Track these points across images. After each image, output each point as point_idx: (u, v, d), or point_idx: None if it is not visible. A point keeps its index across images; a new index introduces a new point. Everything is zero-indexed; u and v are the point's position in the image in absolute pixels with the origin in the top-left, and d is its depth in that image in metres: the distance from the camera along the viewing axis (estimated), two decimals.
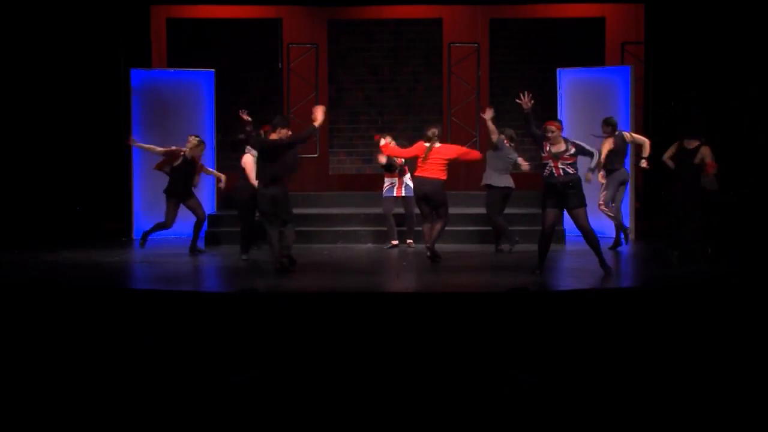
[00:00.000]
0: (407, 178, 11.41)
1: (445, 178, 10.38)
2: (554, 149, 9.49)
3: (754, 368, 6.48)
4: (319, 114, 9.49)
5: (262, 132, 10.34)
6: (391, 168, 11.42)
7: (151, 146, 11.25)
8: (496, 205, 11.10)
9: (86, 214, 12.55)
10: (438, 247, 10.67)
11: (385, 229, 11.67)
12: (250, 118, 10.45)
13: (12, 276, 9.58)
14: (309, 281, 9.26)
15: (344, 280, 9.40)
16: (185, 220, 11.39)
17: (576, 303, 8.06)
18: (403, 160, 11.27)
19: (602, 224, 11.76)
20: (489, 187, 11.10)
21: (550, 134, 9.49)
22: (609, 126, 11.22)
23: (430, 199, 10.34)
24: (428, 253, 10.33)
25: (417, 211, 10.94)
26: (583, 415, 5.72)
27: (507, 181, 11.10)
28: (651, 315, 7.72)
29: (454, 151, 10.64)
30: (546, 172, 9.47)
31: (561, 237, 11.87)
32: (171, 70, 13.25)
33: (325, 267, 10.16)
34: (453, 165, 10.61)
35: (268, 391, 6.15)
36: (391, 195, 11.50)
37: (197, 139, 11.06)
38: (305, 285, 9.08)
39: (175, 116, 12.45)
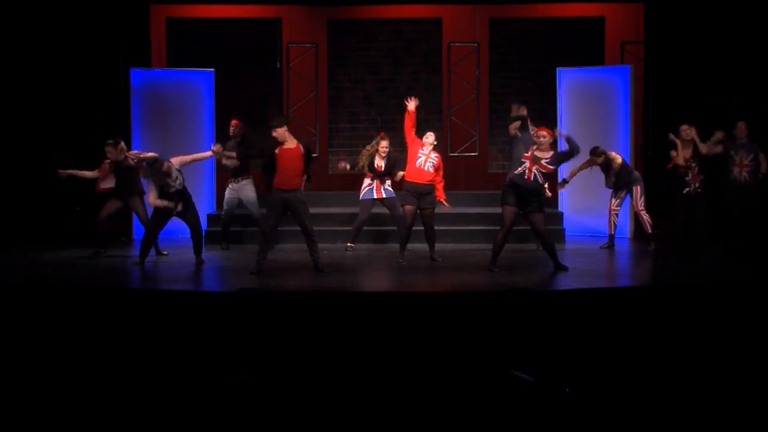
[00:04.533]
0: (388, 183, 11.28)
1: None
2: (538, 153, 9.58)
3: (754, 368, 6.48)
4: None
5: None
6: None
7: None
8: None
9: (86, 214, 12.54)
10: (439, 246, 10.70)
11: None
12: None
13: (11, 276, 9.58)
14: (308, 281, 9.26)
15: (343, 279, 9.40)
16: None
17: (575, 303, 8.06)
18: (382, 166, 11.16)
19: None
20: None
21: (542, 139, 9.54)
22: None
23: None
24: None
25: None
26: (582, 415, 5.71)
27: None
28: (651, 315, 7.72)
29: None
30: (518, 170, 9.60)
31: (560, 237, 11.87)
32: (171, 69, 13.25)
33: (323, 266, 10.14)
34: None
35: (266, 391, 6.15)
36: (371, 197, 11.22)
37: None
38: (304, 285, 9.08)
39: (175, 116, 12.45)
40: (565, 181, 10.95)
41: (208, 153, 10.76)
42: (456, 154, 13.89)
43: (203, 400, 5.93)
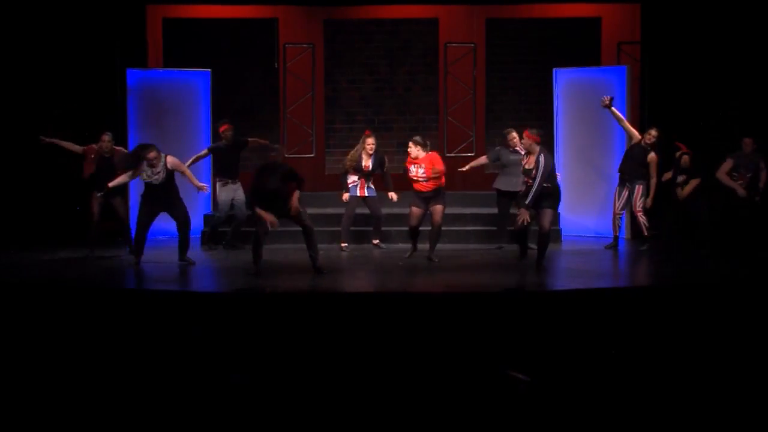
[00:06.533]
0: (371, 182, 11.39)
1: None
2: (527, 166, 9.81)
3: (753, 369, 6.48)
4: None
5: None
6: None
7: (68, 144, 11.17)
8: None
9: (83, 214, 12.53)
10: (436, 246, 10.74)
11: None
12: None
13: (9, 276, 9.56)
14: (305, 281, 9.25)
15: (340, 280, 9.39)
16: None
17: (572, 303, 8.07)
18: (370, 165, 11.29)
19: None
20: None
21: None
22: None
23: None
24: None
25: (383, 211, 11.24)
26: (580, 415, 5.71)
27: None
28: (647, 315, 7.72)
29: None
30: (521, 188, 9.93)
31: (557, 237, 11.88)
32: (167, 69, 13.23)
33: (323, 267, 10.13)
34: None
35: (264, 392, 6.14)
36: (354, 194, 11.38)
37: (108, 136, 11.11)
38: (302, 285, 9.07)
39: (171, 116, 12.43)
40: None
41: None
42: (453, 155, 13.87)
43: (200, 400, 5.93)
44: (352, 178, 11.40)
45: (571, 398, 5.94)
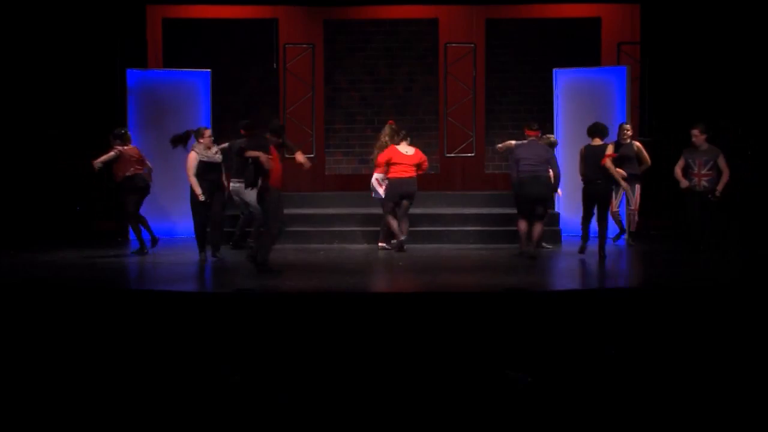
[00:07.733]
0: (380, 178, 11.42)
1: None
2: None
3: (752, 369, 6.49)
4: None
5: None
6: None
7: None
8: None
9: (82, 214, 12.54)
10: (436, 246, 10.71)
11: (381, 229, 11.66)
12: None
13: (8, 276, 9.56)
14: (305, 281, 9.25)
15: (341, 280, 9.39)
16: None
17: (572, 303, 8.06)
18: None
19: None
20: None
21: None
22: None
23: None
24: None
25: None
26: (580, 415, 5.72)
27: None
28: (647, 315, 7.72)
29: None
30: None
31: (557, 237, 11.88)
32: (167, 70, 13.23)
33: (321, 267, 10.15)
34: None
35: (264, 391, 6.15)
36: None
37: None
38: (302, 285, 9.08)
39: (171, 116, 12.42)
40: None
41: None
42: (452, 155, 13.89)
43: (201, 400, 5.93)
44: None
45: (570, 398, 5.94)
